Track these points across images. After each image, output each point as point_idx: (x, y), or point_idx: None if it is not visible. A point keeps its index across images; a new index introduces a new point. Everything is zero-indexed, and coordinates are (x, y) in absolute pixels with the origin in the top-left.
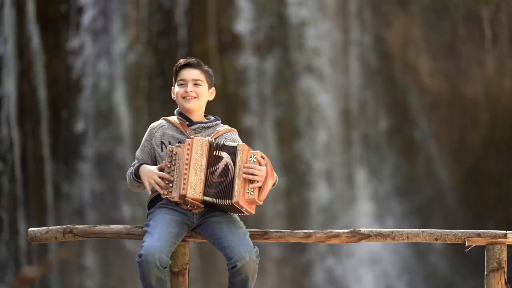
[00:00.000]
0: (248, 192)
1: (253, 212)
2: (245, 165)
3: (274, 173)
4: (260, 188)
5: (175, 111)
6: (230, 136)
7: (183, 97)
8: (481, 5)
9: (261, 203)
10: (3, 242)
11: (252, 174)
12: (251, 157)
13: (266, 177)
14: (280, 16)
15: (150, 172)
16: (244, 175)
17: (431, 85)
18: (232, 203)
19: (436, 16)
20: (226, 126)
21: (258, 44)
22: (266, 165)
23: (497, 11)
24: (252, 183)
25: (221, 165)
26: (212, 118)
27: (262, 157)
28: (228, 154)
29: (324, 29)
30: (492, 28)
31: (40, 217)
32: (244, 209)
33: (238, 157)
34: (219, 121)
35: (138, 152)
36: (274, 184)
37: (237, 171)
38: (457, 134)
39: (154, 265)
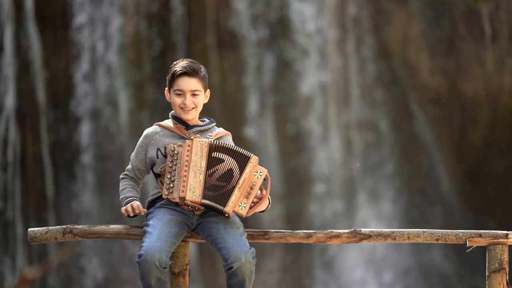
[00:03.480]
0: (240, 206)
1: (230, 217)
2: (251, 182)
3: (269, 198)
4: (252, 205)
5: (170, 114)
6: (225, 139)
7: (181, 108)
8: (481, 2)
9: (244, 217)
10: (3, 242)
11: (251, 190)
12: (256, 172)
13: (262, 200)
14: (279, 13)
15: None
16: (245, 192)
17: (431, 83)
18: (222, 210)
19: (435, 13)
20: (222, 129)
21: (257, 41)
22: (267, 188)
23: (497, 8)
24: (247, 198)
25: (222, 167)
26: (207, 120)
27: (266, 176)
28: (236, 161)
29: (323, 27)
30: (492, 25)
31: (40, 217)
32: (226, 214)
33: (247, 169)
34: (214, 123)
35: (132, 156)
36: (266, 209)
37: (240, 182)
38: (457, 132)
39: (153, 266)
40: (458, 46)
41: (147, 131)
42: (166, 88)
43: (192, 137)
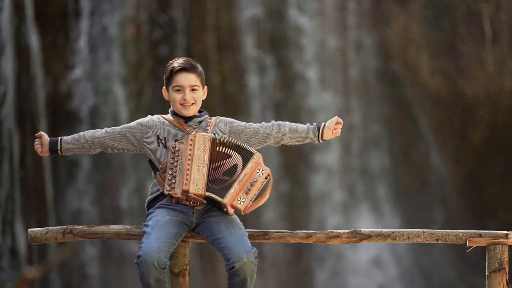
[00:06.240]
0: (239, 200)
1: (231, 214)
2: (252, 178)
3: (269, 194)
4: (251, 200)
5: (169, 110)
6: (222, 122)
7: (181, 104)
8: (481, 3)
9: (243, 214)
10: (3, 242)
11: (252, 186)
12: (259, 170)
13: (261, 198)
14: (279, 14)
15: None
16: (245, 187)
17: (431, 84)
18: (220, 201)
19: (436, 14)
20: (212, 118)
21: (257, 42)
22: (268, 187)
23: (497, 9)
24: (247, 193)
25: (227, 162)
26: (199, 113)
27: (268, 175)
28: (241, 156)
29: (323, 28)
30: (492, 26)
31: (40, 218)
32: (226, 209)
33: (249, 165)
34: (207, 115)
35: (126, 124)
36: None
37: (241, 176)
38: (457, 133)
39: (152, 266)
40: (459, 47)
41: (151, 116)
42: (164, 86)
43: (193, 133)
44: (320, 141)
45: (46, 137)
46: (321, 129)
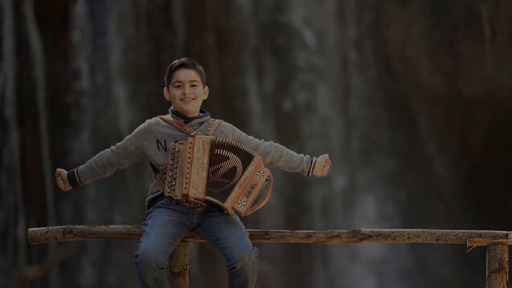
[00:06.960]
0: (240, 204)
1: (231, 214)
2: (252, 181)
3: (269, 196)
4: (251, 203)
5: (169, 110)
6: (225, 127)
7: (181, 99)
8: (481, 2)
9: (243, 216)
10: (3, 242)
11: (252, 189)
12: (259, 172)
13: (262, 200)
14: (278, 13)
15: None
16: (246, 190)
17: (430, 84)
18: (221, 205)
19: (436, 14)
20: (215, 119)
21: (257, 42)
22: (269, 189)
23: (497, 9)
24: (248, 196)
25: (226, 165)
26: (201, 114)
27: (269, 177)
28: (241, 158)
29: (322, 27)
30: (492, 26)
31: (40, 217)
32: (226, 211)
33: (250, 168)
34: (209, 116)
35: (126, 137)
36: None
37: (242, 179)
38: (456, 133)
39: (150, 266)
40: (458, 46)
41: (149, 120)
42: (165, 87)
43: (192, 134)
44: (310, 175)
45: (64, 173)
46: (312, 163)
